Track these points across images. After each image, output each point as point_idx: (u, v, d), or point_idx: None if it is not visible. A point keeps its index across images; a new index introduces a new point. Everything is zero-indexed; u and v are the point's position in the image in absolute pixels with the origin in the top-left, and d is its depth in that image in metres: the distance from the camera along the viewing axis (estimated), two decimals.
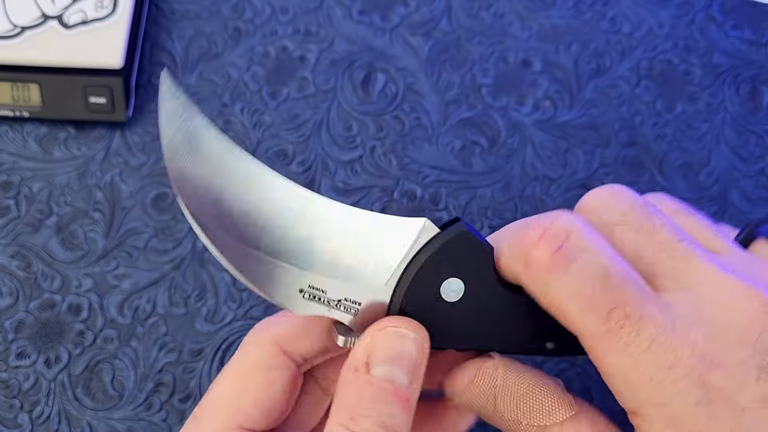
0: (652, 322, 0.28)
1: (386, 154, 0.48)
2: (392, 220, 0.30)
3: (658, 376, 0.27)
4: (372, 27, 0.51)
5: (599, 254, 0.28)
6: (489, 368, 0.31)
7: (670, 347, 0.28)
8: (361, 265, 0.30)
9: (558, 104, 0.50)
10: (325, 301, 0.30)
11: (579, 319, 0.28)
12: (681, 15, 0.53)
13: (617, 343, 0.28)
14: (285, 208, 0.29)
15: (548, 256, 0.28)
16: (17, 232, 0.45)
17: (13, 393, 0.41)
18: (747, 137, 0.50)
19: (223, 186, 0.29)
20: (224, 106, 0.48)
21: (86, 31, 0.47)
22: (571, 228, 0.28)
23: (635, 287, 0.28)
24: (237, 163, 0.29)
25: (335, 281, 0.30)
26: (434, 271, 0.30)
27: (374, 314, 0.30)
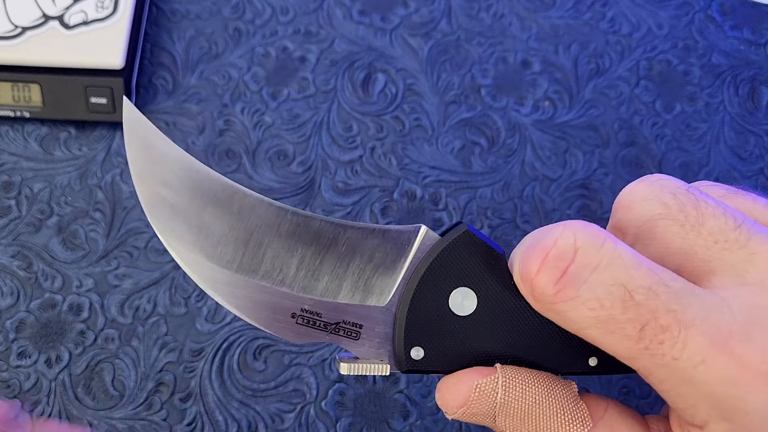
0: (700, 330, 0.24)
1: (386, 154, 0.48)
2: (388, 231, 0.28)
3: (719, 392, 0.24)
4: (372, 27, 0.51)
5: (615, 268, 0.25)
6: (487, 385, 0.27)
7: (731, 358, 0.24)
8: (359, 283, 0.28)
9: (557, 104, 0.50)
10: (321, 326, 0.28)
11: (607, 343, 0.25)
12: (680, 15, 0.53)
13: (662, 359, 0.24)
14: (270, 227, 0.27)
15: (552, 283, 0.25)
16: (18, 232, 0.45)
17: (14, 393, 0.41)
18: (746, 137, 0.50)
19: (200, 209, 0.27)
20: (224, 107, 0.49)
21: (87, 31, 0.47)
22: (578, 244, 0.25)
23: (670, 295, 0.24)
24: (213, 184, 0.27)
25: (331, 302, 0.28)
26: (438, 282, 0.27)
27: (380, 338, 0.28)
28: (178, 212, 0.27)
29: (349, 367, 0.28)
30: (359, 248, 0.27)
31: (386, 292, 0.28)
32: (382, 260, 0.28)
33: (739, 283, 0.25)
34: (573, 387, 0.28)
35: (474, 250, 0.27)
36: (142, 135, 0.27)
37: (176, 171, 0.27)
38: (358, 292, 0.28)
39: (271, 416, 0.41)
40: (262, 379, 0.42)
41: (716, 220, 0.26)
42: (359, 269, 0.28)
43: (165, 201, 0.27)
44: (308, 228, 0.27)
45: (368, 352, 0.28)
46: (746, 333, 0.24)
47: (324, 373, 0.42)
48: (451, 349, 0.28)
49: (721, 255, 0.25)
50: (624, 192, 0.28)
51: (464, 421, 0.28)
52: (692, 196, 0.27)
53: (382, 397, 0.42)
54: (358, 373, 0.28)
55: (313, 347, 0.43)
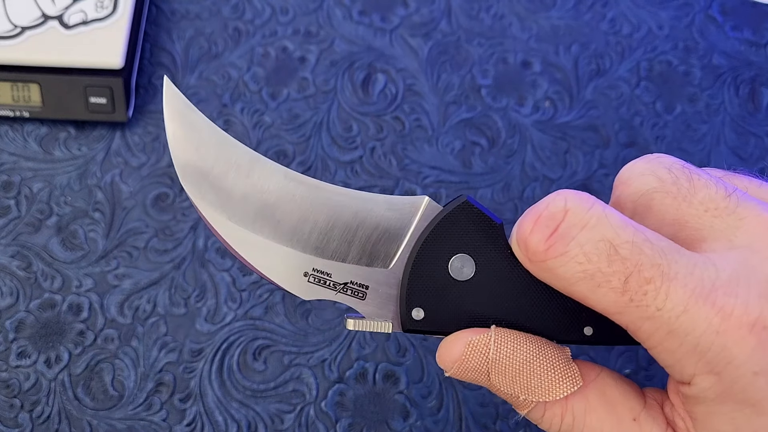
0: (683, 282, 0.25)
1: (386, 154, 0.48)
2: (395, 200, 0.30)
3: (703, 342, 0.25)
4: (372, 28, 0.51)
5: (601, 227, 0.26)
6: (480, 342, 0.29)
7: (713, 308, 0.25)
8: (365, 247, 0.30)
9: (558, 105, 0.50)
10: (330, 285, 0.30)
11: (595, 297, 0.26)
12: (681, 16, 0.53)
13: (646, 310, 0.25)
14: (286, 193, 0.30)
15: (544, 240, 0.27)
16: (18, 232, 0.45)
17: (13, 393, 0.41)
18: (746, 138, 0.50)
19: (223, 173, 0.30)
20: (224, 107, 0.48)
21: (86, 31, 0.47)
22: (568, 206, 0.27)
23: (654, 250, 0.26)
24: (236, 152, 0.30)
25: (340, 264, 0.30)
26: (438, 249, 0.29)
27: (384, 298, 0.30)
28: (206, 175, 0.30)
29: (355, 323, 0.30)
30: (367, 216, 0.30)
31: (391, 256, 0.30)
32: (387, 227, 0.30)
33: (728, 246, 0.26)
34: (566, 351, 0.30)
35: (473, 219, 0.29)
36: (179, 107, 0.30)
37: (205, 139, 0.30)
38: (365, 255, 0.30)
39: (271, 417, 0.41)
40: (261, 379, 0.42)
41: (707, 190, 0.27)
42: (367, 235, 0.30)
43: (195, 164, 0.30)
44: (320, 195, 0.30)
45: (373, 312, 0.30)
46: (730, 287, 0.25)
47: (324, 374, 0.42)
48: (450, 312, 0.30)
49: (712, 222, 0.27)
50: (624, 168, 0.30)
51: (461, 378, 0.30)
52: (686, 170, 0.28)
53: (382, 397, 0.42)
54: (363, 329, 0.30)
55: (313, 347, 0.43)
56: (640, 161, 0.29)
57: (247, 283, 0.44)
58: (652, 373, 0.44)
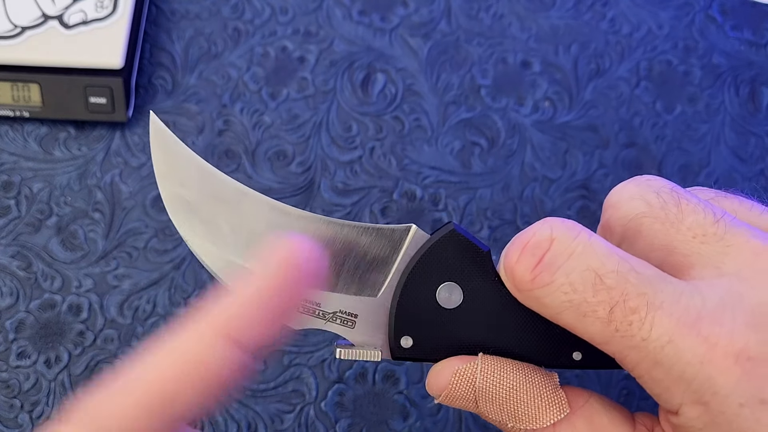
0: (668, 311, 0.25)
1: (386, 154, 0.48)
2: (381, 230, 0.30)
3: (688, 372, 0.25)
4: (371, 28, 0.51)
5: (587, 256, 0.26)
6: (466, 371, 0.29)
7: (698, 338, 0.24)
8: (354, 277, 0.30)
9: (557, 105, 0.50)
10: (319, 314, 0.30)
11: (582, 327, 0.26)
12: (680, 16, 0.53)
13: (632, 340, 0.25)
14: (275, 224, 0.30)
15: (530, 270, 0.27)
16: (17, 232, 0.45)
17: (13, 393, 0.41)
18: (747, 138, 0.50)
19: (211, 206, 0.30)
20: (224, 107, 0.48)
21: (86, 31, 0.47)
22: (554, 235, 0.27)
23: (640, 279, 0.26)
24: (222, 185, 0.31)
25: (329, 294, 0.30)
26: (426, 277, 0.30)
27: (374, 327, 0.30)
28: (193, 208, 0.30)
29: (344, 353, 0.30)
30: (355, 245, 0.30)
31: (379, 285, 0.30)
32: (375, 256, 0.30)
33: (716, 274, 0.26)
34: (554, 377, 0.30)
35: (460, 247, 0.30)
36: (165, 142, 0.31)
37: (192, 173, 0.31)
38: (354, 285, 0.30)
39: (271, 417, 0.41)
40: (261, 379, 0.42)
41: (696, 216, 0.27)
42: (355, 264, 0.30)
43: (182, 199, 0.30)
44: (308, 226, 0.30)
45: (362, 340, 0.30)
46: (716, 316, 0.25)
47: (324, 374, 0.42)
48: (438, 339, 0.30)
49: (699, 248, 0.26)
50: (613, 191, 0.29)
51: (450, 405, 0.30)
52: (675, 194, 0.28)
53: (382, 397, 0.42)
54: (352, 358, 0.30)
55: (313, 347, 0.43)
56: (629, 184, 0.29)
57: None
58: None
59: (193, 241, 0.31)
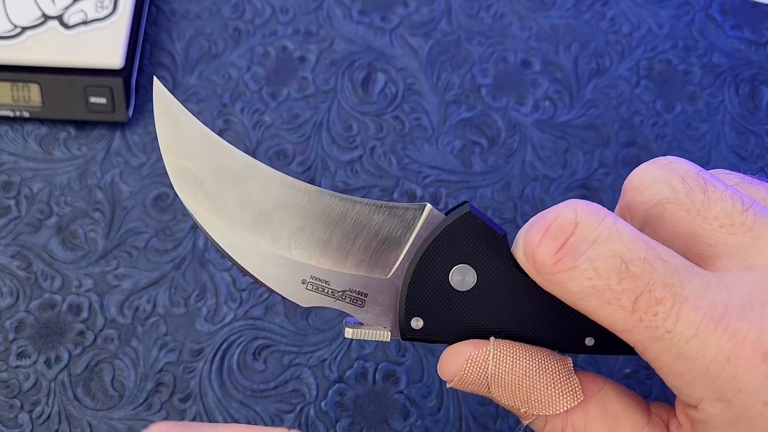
0: (694, 305, 0.24)
1: (386, 154, 0.48)
2: (395, 208, 0.29)
3: (713, 368, 0.24)
4: (372, 27, 0.51)
5: (613, 242, 0.25)
6: (479, 356, 0.29)
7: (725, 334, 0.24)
8: (365, 255, 0.29)
9: (558, 104, 0.50)
10: (329, 293, 0.30)
11: (603, 314, 0.26)
12: (680, 15, 0.53)
13: (655, 331, 0.25)
14: (284, 200, 0.29)
15: (552, 254, 0.26)
16: (18, 232, 0.45)
17: (13, 393, 0.41)
18: (747, 137, 0.50)
19: (218, 180, 0.29)
20: (224, 106, 0.48)
21: (86, 31, 0.47)
22: (579, 218, 0.26)
23: (667, 269, 0.25)
24: (231, 158, 0.29)
25: (338, 271, 0.29)
26: (440, 259, 0.29)
27: (383, 306, 0.30)
28: (200, 182, 0.29)
29: (353, 332, 0.30)
30: (367, 223, 0.29)
31: (390, 265, 0.29)
32: (387, 235, 0.29)
33: (743, 266, 0.25)
34: (568, 362, 0.29)
35: (475, 229, 0.29)
36: (170, 112, 0.29)
37: (199, 145, 0.29)
38: (365, 263, 0.29)
39: (271, 416, 0.41)
40: (261, 379, 0.42)
41: (723, 204, 0.26)
42: (366, 242, 0.29)
43: (189, 171, 0.29)
44: (319, 202, 0.29)
45: (372, 319, 0.30)
46: (743, 312, 0.24)
47: (324, 374, 0.42)
48: (450, 322, 0.29)
49: (726, 239, 0.26)
50: (635, 173, 0.28)
51: (462, 389, 0.30)
52: (701, 180, 0.27)
53: (382, 397, 0.42)
54: (361, 338, 0.30)
55: (313, 347, 0.43)
56: (652, 166, 0.28)
57: (247, 283, 0.44)
58: (653, 371, 0.44)
59: (199, 215, 0.29)
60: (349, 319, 0.30)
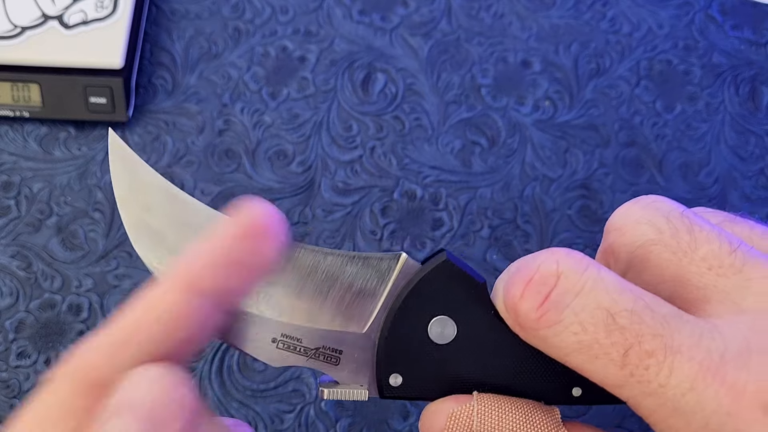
0: (688, 355, 0.23)
1: (386, 154, 0.48)
2: (368, 258, 0.28)
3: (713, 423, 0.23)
4: (372, 27, 0.51)
5: (597, 292, 0.24)
6: (462, 413, 0.27)
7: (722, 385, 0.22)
8: (339, 309, 0.28)
9: (558, 104, 0.50)
10: (301, 351, 0.28)
11: (593, 369, 0.24)
12: (681, 15, 0.53)
13: (648, 386, 0.23)
14: None
15: (535, 308, 0.24)
16: (18, 232, 0.45)
17: (13, 393, 0.41)
18: (746, 137, 0.50)
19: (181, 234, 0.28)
20: (224, 106, 0.48)
21: (86, 31, 0.47)
22: (560, 269, 0.24)
23: (656, 319, 0.24)
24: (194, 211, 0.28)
25: (311, 328, 0.28)
26: (417, 310, 0.27)
27: (359, 363, 0.28)
28: (159, 237, 0.28)
29: (329, 392, 0.28)
30: (339, 275, 0.28)
31: (366, 318, 0.28)
32: (362, 287, 0.28)
33: (735, 310, 0.24)
34: (555, 413, 0.28)
35: (453, 278, 0.27)
36: (127, 164, 0.28)
37: (158, 198, 0.28)
38: (339, 318, 0.28)
39: (271, 416, 0.41)
40: (261, 379, 0.42)
41: (710, 245, 0.25)
42: (339, 296, 0.28)
43: (148, 226, 0.28)
44: (288, 256, 0.28)
45: (348, 377, 0.28)
46: (741, 360, 0.23)
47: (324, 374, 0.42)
48: (430, 377, 0.28)
49: (716, 282, 0.24)
50: (617, 213, 0.27)
51: None
52: (686, 220, 0.26)
53: None
54: (338, 398, 0.28)
55: None
56: (635, 206, 0.27)
57: None
58: None
59: (160, 273, 0.28)
60: (324, 378, 0.29)
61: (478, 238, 0.46)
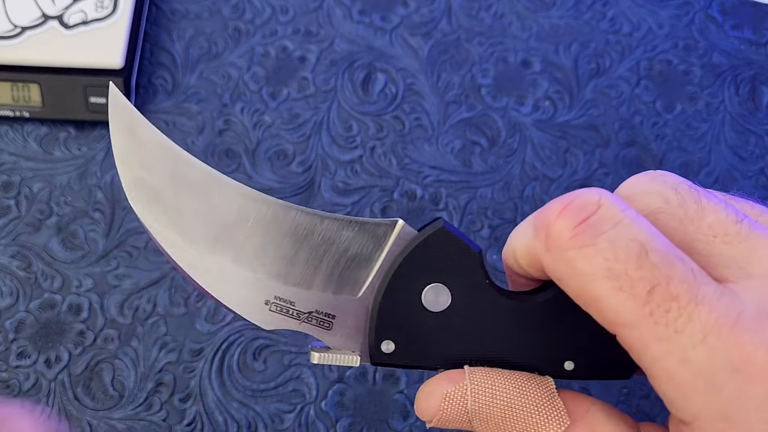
0: (708, 307, 0.23)
1: (386, 154, 0.48)
2: (365, 224, 0.28)
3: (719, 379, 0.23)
4: (372, 27, 0.51)
5: (636, 228, 0.24)
6: (456, 394, 0.27)
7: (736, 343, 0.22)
8: (332, 273, 0.28)
9: (558, 104, 0.50)
10: (294, 314, 0.28)
11: (612, 301, 0.24)
12: (681, 15, 0.53)
13: (663, 330, 0.23)
14: (248, 214, 0.28)
15: (571, 228, 0.24)
16: (18, 232, 0.45)
17: (13, 393, 0.41)
18: (746, 137, 0.50)
19: (177, 193, 0.27)
20: (224, 106, 0.48)
21: (86, 31, 0.47)
22: (602, 201, 0.24)
23: (686, 267, 0.24)
24: (191, 169, 0.28)
25: (304, 291, 0.28)
26: (412, 277, 0.27)
27: (352, 329, 0.28)
28: (158, 194, 0.27)
29: (320, 357, 0.28)
30: (335, 240, 0.28)
31: (360, 284, 0.28)
32: (357, 253, 0.28)
33: (743, 275, 0.24)
34: (549, 383, 0.28)
35: (450, 246, 0.27)
36: (127, 120, 0.27)
37: (157, 155, 0.27)
38: (333, 283, 0.28)
39: (271, 416, 0.41)
40: (261, 379, 0.42)
41: (716, 215, 0.25)
42: (334, 260, 0.28)
43: (145, 183, 0.27)
44: (285, 218, 0.28)
45: (340, 343, 0.28)
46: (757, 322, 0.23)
47: (324, 374, 0.42)
48: (422, 345, 0.28)
49: (721, 249, 0.25)
50: (626, 183, 0.27)
51: (443, 428, 0.28)
52: (694, 191, 0.26)
53: (382, 397, 0.42)
54: (329, 363, 0.28)
55: None
56: (643, 177, 0.27)
57: None
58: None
59: (156, 231, 0.27)
60: (316, 343, 0.29)
61: (479, 238, 0.46)
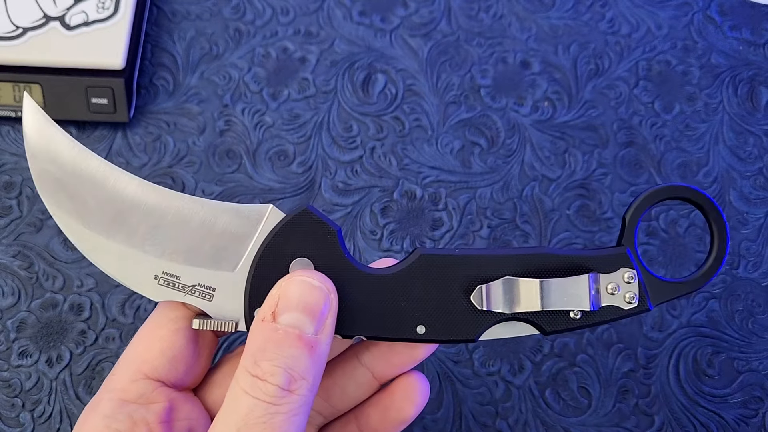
0: None
1: (386, 154, 0.48)
2: (242, 208, 0.32)
3: None
4: (372, 28, 0.52)
5: None
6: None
7: None
8: (213, 252, 0.32)
9: (557, 105, 0.50)
10: (179, 287, 0.32)
11: None
12: (679, 16, 0.53)
13: None
14: (139, 201, 0.32)
15: None
16: (19, 231, 0.45)
17: (15, 392, 0.41)
18: (745, 137, 0.50)
19: (79, 183, 0.32)
20: (225, 107, 0.49)
21: (88, 32, 0.47)
22: None
23: None
24: (92, 164, 0.32)
25: (188, 267, 0.32)
26: (280, 252, 0.31)
27: (230, 299, 0.32)
28: (62, 184, 0.32)
29: (200, 323, 0.32)
30: (215, 222, 0.32)
31: (237, 260, 0.32)
32: (234, 233, 0.32)
33: None
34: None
35: (312, 225, 0.32)
36: (38, 121, 0.32)
37: (62, 151, 0.32)
38: (213, 260, 0.32)
39: None
40: None
41: None
42: (214, 240, 0.32)
43: (51, 174, 0.32)
44: (172, 203, 0.32)
45: (220, 312, 0.32)
46: None
47: None
48: None
49: None
50: None
51: None
52: None
53: None
54: (208, 328, 0.32)
55: None
56: None
57: None
58: (651, 371, 0.44)
59: (59, 217, 0.32)
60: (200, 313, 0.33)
61: (478, 238, 0.46)
